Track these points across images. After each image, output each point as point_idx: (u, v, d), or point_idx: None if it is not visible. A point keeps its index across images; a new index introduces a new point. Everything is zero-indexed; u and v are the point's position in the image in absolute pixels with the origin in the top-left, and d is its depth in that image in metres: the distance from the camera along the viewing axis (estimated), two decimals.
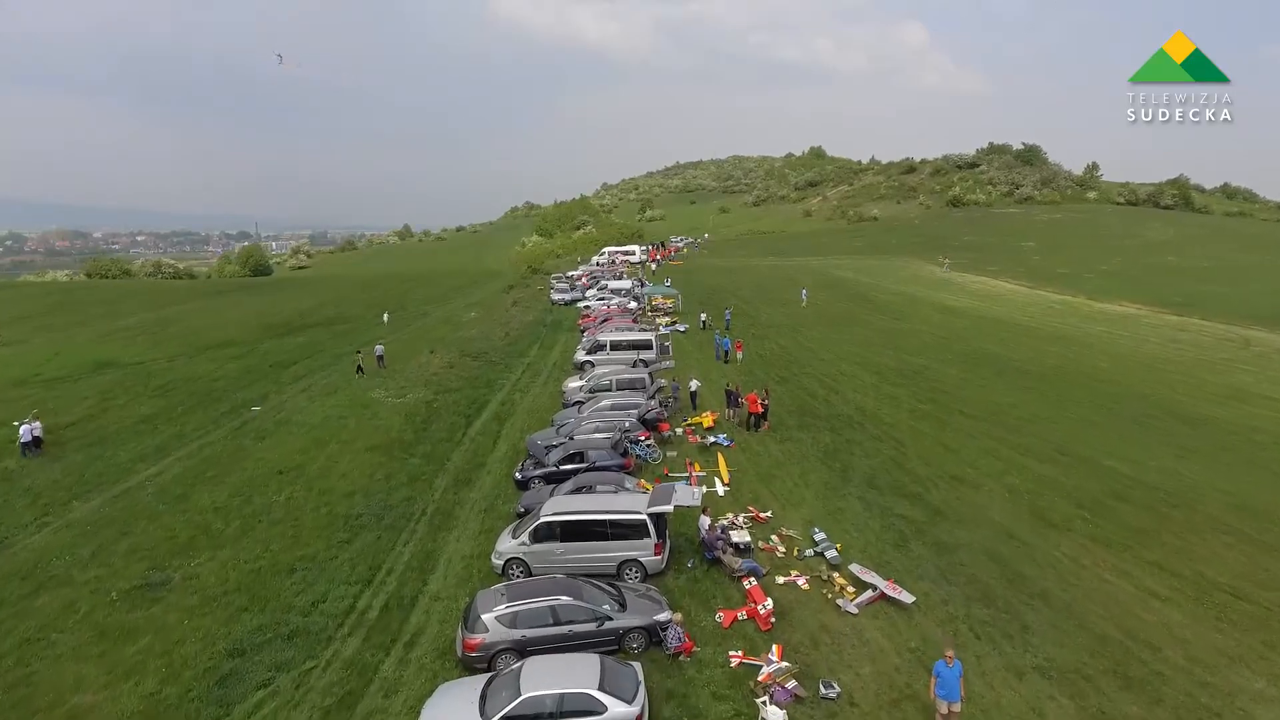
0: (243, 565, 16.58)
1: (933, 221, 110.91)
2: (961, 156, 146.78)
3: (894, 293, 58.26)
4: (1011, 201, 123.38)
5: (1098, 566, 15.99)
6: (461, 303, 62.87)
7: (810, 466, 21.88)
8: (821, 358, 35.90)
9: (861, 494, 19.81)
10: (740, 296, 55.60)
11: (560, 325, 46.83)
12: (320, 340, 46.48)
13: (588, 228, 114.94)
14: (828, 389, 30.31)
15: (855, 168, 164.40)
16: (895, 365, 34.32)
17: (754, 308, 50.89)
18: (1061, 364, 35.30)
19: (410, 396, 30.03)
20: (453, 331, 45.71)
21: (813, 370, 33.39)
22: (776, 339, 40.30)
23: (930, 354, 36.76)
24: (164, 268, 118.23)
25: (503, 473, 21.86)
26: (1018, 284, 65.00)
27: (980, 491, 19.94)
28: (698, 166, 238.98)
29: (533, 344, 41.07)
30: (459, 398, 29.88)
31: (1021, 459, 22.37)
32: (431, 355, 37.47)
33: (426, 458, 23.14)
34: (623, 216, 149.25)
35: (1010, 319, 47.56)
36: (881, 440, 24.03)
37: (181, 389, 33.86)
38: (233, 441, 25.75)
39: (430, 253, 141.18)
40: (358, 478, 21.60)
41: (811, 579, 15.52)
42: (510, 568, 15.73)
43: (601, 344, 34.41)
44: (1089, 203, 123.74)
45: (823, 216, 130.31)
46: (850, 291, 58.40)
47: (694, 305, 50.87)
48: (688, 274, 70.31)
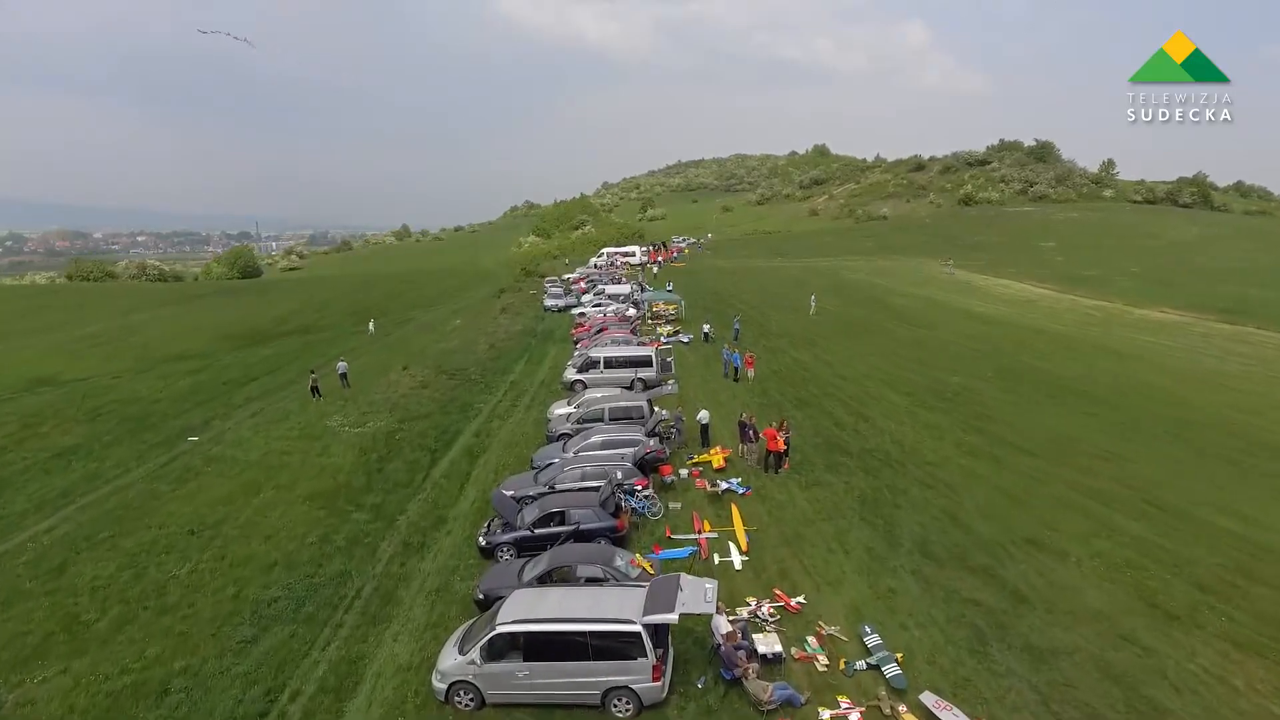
0: (100, 684, 12.39)
1: (945, 220, 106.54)
2: (971, 154, 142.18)
3: (914, 297, 53.99)
4: (1025, 200, 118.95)
5: (1256, 690, 11.78)
6: (448, 308, 58.73)
7: (846, 523, 17.68)
8: (844, 375, 31.69)
9: (916, 566, 15.61)
10: (747, 302, 51.40)
11: (551, 335, 42.64)
12: (289, 352, 42.32)
13: (586, 227, 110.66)
14: (855, 415, 26.10)
15: (861, 165, 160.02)
16: (928, 384, 30.10)
17: (763, 314, 46.69)
18: (1117, 382, 31.04)
19: (370, 425, 25.84)
20: (434, 342, 41.52)
21: (836, 391, 29.18)
22: (791, 352, 36.09)
23: (966, 370, 32.52)
24: (149, 270, 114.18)
25: (465, 533, 17.68)
26: (1044, 287, 60.72)
27: (1067, 564, 15.71)
28: (699, 165, 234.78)
29: (519, 358, 36.87)
30: (427, 427, 25.68)
31: (1105, 513, 18.14)
32: (404, 372, 33.29)
33: (375, 511, 18.95)
34: (623, 216, 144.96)
35: (1047, 328, 43.25)
36: (929, 486, 19.82)
37: (115, 413, 29.72)
38: (150, 485, 21.58)
39: (426, 254, 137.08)
40: (286, 540, 17.42)
41: (868, 712, 11.33)
42: (456, 694, 11.57)
43: (595, 361, 30.23)
44: (1105, 201, 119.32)
45: (829, 215, 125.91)
46: (866, 296, 54.15)
47: (698, 312, 46.67)
48: (690, 276, 66.11)
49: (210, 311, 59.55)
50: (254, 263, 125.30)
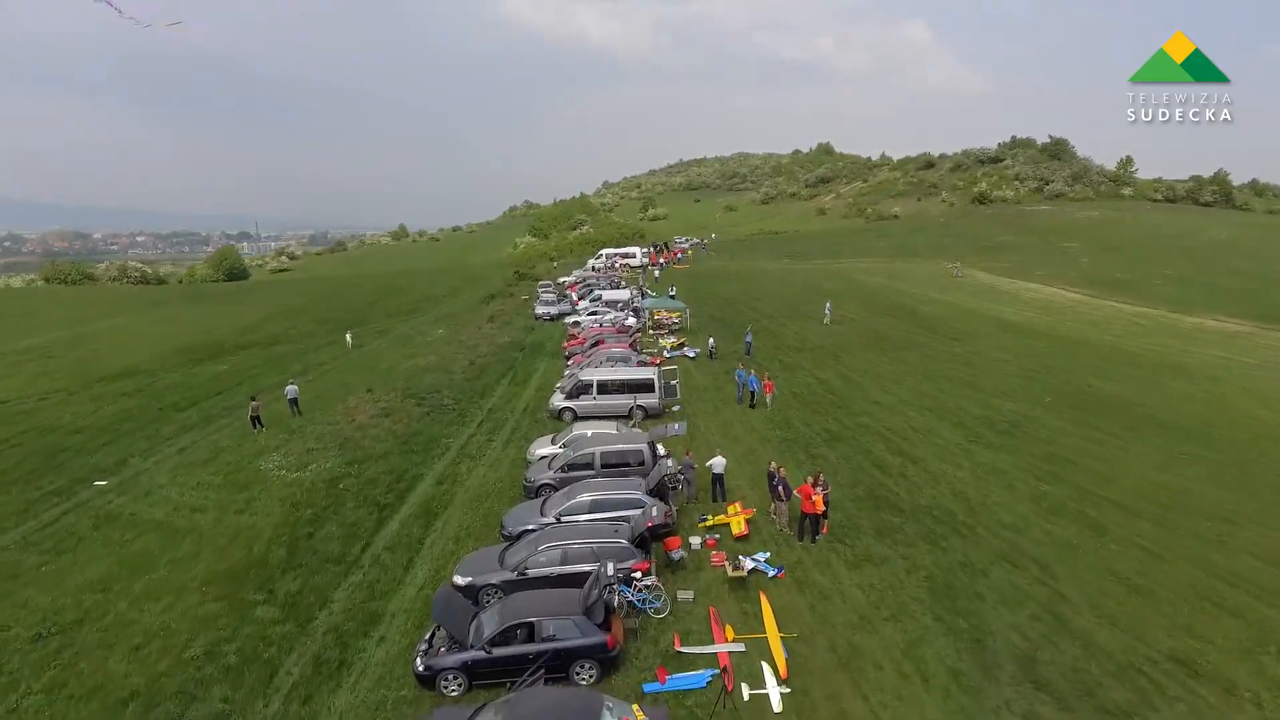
0: None
1: (960, 220, 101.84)
2: (984, 151, 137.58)
3: (940, 303, 49.38)
4: (1042, 198, 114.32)
5: None
6: (433, 315, 54.19)
7: (917, 626, 13.10)
8: (877, 400, 27.11)
9: (1029, 708, 11.02)
10: (758, 309, 46.82)
11: (541, 349, 38.03)
12: (246, 369, 37.71)
13: (584, 228, 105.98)
14: (899, 454, 21.53)
15: (869, 164, 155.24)
16: (980, 413, 25.50)
17: (777, 323, 42.11)
18: (1203, 411, 26.38)
19: (312, 469, 21.24)
20: (408, 357, 36.90)
21: (871, 421, 24.60)
22: (813, 369, 31.50)
23: (1020, 393, 27.92)
24: (130, 271, 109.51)
25: (404, 640, 13.10)
26: (1076, 291, 56.14)
27: (1240, 703, 11.12)
28: (701, 164, 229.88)
29: (502, 376, 32.28)
30: (380, 471, 21.07)
31: (1262, 610, 13.53)
32: (367, 396, 28.73)
33: (288, 605, 14.33)
34: (624, 215, 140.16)
35: (1096, 339, 38.62)
36: (1014, 564, 15.23)
37: (21, 448, 25.14)
38: (17, 555, 16.97)
39: (420, 255, 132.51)
40: (158, 655, 12.83)
41: None
42: None
43: (586, 385, 25.69)
44: (1124, 200, 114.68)
45: (838, 214, 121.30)
46: (888, 302, 49.52)
47: (704, 320, 42.11)
48: (694, 279, 61.53)
49: (172, 320, 54.94)
50: (241, 264, 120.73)
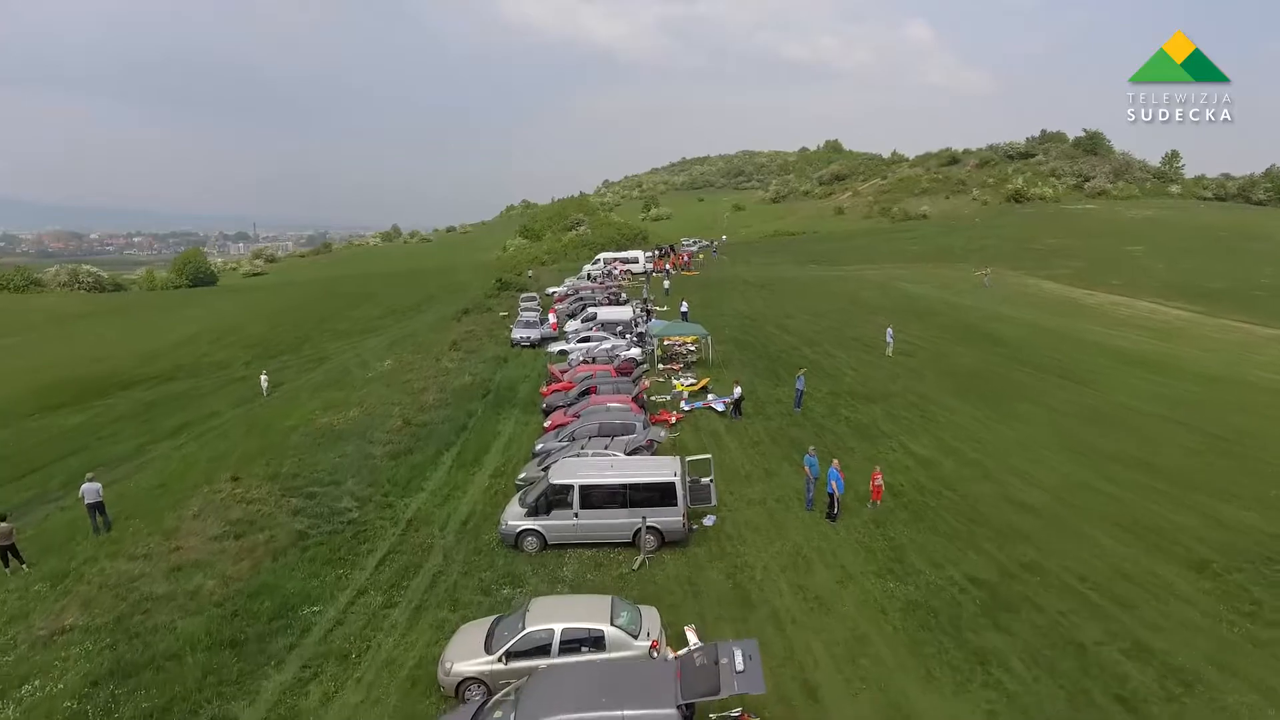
0: None
1: (997, 220, 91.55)
2: (1011, 145, 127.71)
3: (1017, 323, 39.30)
4: (1083, 196, 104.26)
5: None
6: (391, 335, 44.15)
7: None
8: (1022, 499, 17.01)
9: None
10: (792, 331, 36.68)
11: (512, 395, 27.81)
12: (105, 423, 27.61)
13: (581, 228, 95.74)
14: (1141, 655, 11.41)
15: (886, 160, 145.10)
16: (1213, 535, 15.36)
17: (824, 354, 31.99)
18: None
19: (25, 698, 11.05)
20: (324, 410, 26.62)
21: (1038, 553, 14.49)
22: (901, 435, 21.36)
23: (1242, 488, 17.78)
24: (82, 277, 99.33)
25: None
26: (1172, 306, 46.19)
27: None
28: (704, 162, 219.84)
29: (446, 448, 22.03)
30: (152, 706, 10.90)
31: None
32: (228, 489, 18.57)
33: None
34: (625, 215, 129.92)
35: (1262, 380, 28.54)
36: None
37: None
38: None
39: (406, 258, 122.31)
40: None
41: None
42: None
43: (562, 492, 15.57)
44: (1174, 198, 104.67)
45: (858, 214, 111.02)
46: (953, 322, 39.34)
47: (725, 347, 32.03)
48: (706, 290, 51.46)
49: (71, 340, 44.88)
50: (207, 267, 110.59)
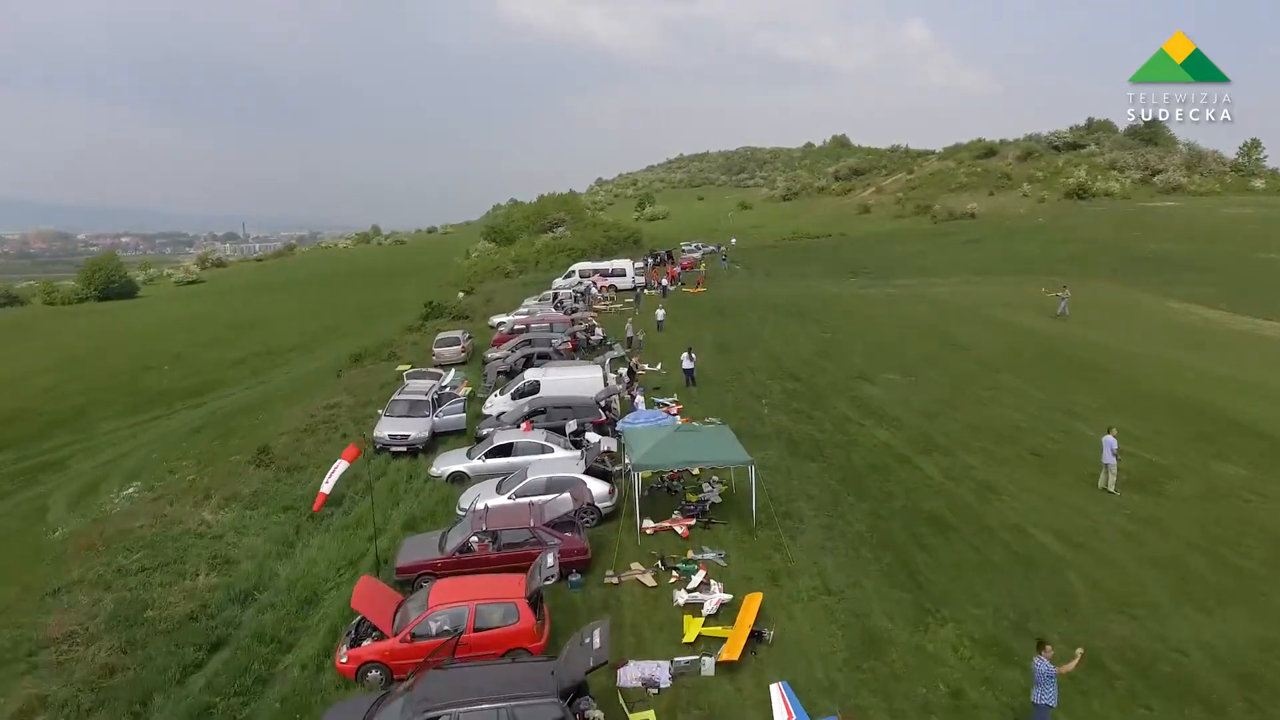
0: None
1: (1065, 220, 75.35)
2: (1056, 135, 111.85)
3: (1236, 386, 23.21)
4: (1155, 191, 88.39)
5: None
6: (221, 404, 28.02)
7: None
8: None
9: None
10: (882, 410, 20.52)
11: (268, 671, 11.66)
12: None
13: (560, 230, 79.39)
14: None
15: (911, 153, 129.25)
16: None
17: (965, 474, 15.86)
18: None
19: None
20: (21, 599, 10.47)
21: None
22: None
23: None
24: None
25: None
26: None
27: None
28: (704, 159, 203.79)
29: None
30: None
31: None
32: None
33: None
34: (616, 215, 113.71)
35: None
36: None
37: None
38: None
39: (365, 263, 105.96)
40: None
41: None
42: None
43: None
44: (1261, 194, 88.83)
45: (887, 212, 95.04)
46: (1152, 392, 23.20)
47: (772, 453, 16.03)
48: (721, 319, 35.48)
49: None
50: (123, 274, 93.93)
